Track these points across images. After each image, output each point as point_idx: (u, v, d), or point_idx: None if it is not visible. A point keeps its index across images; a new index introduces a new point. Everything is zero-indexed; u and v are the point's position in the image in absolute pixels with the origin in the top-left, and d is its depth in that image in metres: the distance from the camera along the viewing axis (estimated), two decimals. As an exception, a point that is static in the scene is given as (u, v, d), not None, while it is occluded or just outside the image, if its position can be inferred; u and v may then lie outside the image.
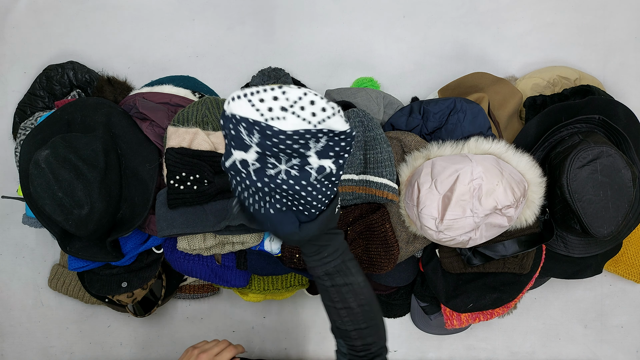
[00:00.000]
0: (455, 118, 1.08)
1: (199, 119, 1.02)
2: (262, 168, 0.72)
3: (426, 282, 1.19)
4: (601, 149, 1.00)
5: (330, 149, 0.71)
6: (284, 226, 0.75)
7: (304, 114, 0.67)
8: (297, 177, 0.71)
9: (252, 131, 0.68)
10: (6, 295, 1.36)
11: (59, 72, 1.23)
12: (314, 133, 0.68)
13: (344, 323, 0.79)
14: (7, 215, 1.34)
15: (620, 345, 1.38)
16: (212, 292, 1.32)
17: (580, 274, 1.17)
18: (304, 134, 0.68)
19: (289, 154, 0.70)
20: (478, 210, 0.93)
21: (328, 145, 0.70)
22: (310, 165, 0.71)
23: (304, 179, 0.72)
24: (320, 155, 0.71)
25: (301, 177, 0.72)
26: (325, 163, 0.72)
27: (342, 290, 0.79)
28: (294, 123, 0.67)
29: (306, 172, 0.72)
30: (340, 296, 0.79)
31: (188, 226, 0.97)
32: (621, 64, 1.35)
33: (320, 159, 0.71)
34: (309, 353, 1.37)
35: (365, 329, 0.80)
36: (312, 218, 0.76)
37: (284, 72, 1.29)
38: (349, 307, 0.79)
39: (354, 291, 0.79)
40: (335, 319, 0.81)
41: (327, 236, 0.78)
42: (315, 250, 0.78)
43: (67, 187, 0.91)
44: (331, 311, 0.81)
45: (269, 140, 0.68)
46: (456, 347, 1.38)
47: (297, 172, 0.72)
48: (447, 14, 1.35)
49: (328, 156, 0.72)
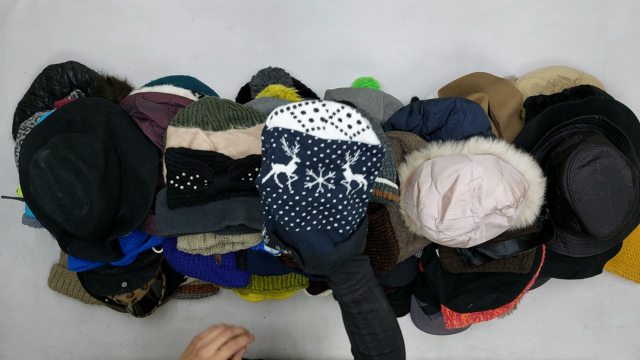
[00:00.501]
0: (455, 118, 1.08)
1: (199, 119, 1.02)
2: (300, 180, 0.74)
3: (426, 282, 1.19)
4: (601, 149, 1.00)
5: (363, 164, 0.75)
6: (322, 246, 0.76)
7: (342, 125, 0.72)
8: (334, 190, 0.74)
9: (294, 142, 0.73)
10: (6, 295, 1.36)
11: (59, 72, 1.23)
12: (350, 145, 0.73)
13: (368, 349, 0.80)
14: (7, 215, 1.34)
15: (620, 345, 1.38)
16: (212, 292, 1.32)
17: (580, 274, 1.17)
18: (341, 144, 0.73)
19: (327, 164, 0.74)
20: (478, 211, 0.93)
21: (361, 160, 0.74)
22: (345, 180, 0.74)
23: (340, 192, 0.74)
24: (354, 170, 0.75)
25: (338, 191, 0.74)
26: (358, 178, 0.75)
27: (368, 317, 0.79)
28: (333, 133, 0.73)
29: (342, 186, 0.74)
30: (366, 322, 0.79)
31: (188, 226, 0.97)
32: (621, 64, 1.35)
33: (354, 174, 0.75)
34: (309, 353, 1.37)
35: (388, 353, 0.80)
36: (345, 238, 0.77)
37: (284, 72, 1.29)
38: (374, 332, 0.79)
39: (379, 317, 0.79)
40: (359, 344, 0.81)
41: (355, 263, 0.79)
42: (344, 279, 0.79)
43: (67, 187, 0.91)
44: (356, 337, 0.81)
45: (309, 149, 0.73)
46: (456, 347, 1.38)
47: (334, 186, 0.74)
48: (447, 14, 1.35)
49: (361, 171, 0.75)
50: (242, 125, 1.03)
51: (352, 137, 0.73)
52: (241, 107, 1.06)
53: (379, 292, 0.81)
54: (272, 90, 1.20)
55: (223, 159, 0.96)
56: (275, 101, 1.15)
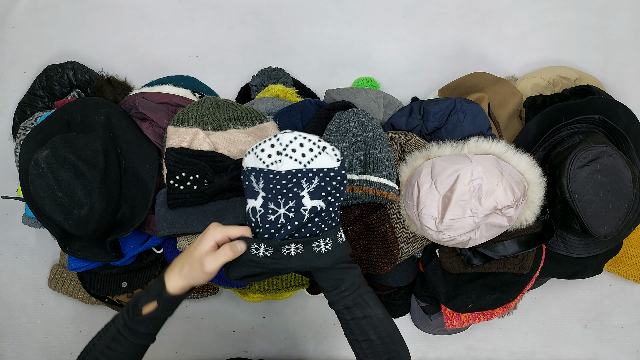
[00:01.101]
0: (455, 118, 1.08)
1: (199, 119, 1.02)
2: (264, 213, 0.80)
3: (426, 282, 1.19)
4: (601, 149, 1.00)
5: (322, 189, 0.80)
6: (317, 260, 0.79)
7: (296, 154, 0.80)
8: (293, 218, 0.79)
9: (259, 178, 0.82)
10: (6, 295, 1.36)
11: (59, 72, 1.23)
12: (305, 172, 0.80)
13: (366, 355, 0.81)
14: (7, 215, 1.34)
15: (620, 345, 1.38)
16: (212, 292, 1.32)
17: (580, 274, 1.17)
18: (295, 173, 0.80)
19: (285, 194, 0.79)
20: (478, 210, 0.93)
21: (320, 185, 0.80)
22: (304, 207, 0.79)
23: (297, 219, 0.79)
24: (313, 196, 0.80)
25: (295, 219, 0.79)
26: (317, 203, 0.79)
27: (362, 323, 0.81)
28: (288, 164, 0.80)
29: (300, 213, 0.79)
30: (360, 329, 0.81)
31: (188, 226, 0.97)
32: (621, 64, 1.35)
33: (313, 199, 0.80)
34: (309, 353, 1.37)
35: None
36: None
37: (284, 72, 1.29)
38: (370, 339, 0.81)
39: (372, 324, 0.81)
40: (358, 351, 0.82)
41: (342, 270, 0.82)
42: (332, 285, 0.81)
43: (67, 187, 0.91)
44: (354, 344, 0.83)
45: (270, 183, 0.80)
46: (456, 347, 1.38)
47: (293, 215, 0.79)
48: (447, 14, 1.35)
49: (320, 196, 0.80)
50: (242, 125, 1.03)
51: (306, 165, 0.80)
52: (241, 107, 1.06)
53: (372, 298, 0.83)
54: (272, 90, 1.20)
55: (223, 158, 0.97)
56: (275, 101, 1.15)
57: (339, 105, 1.07)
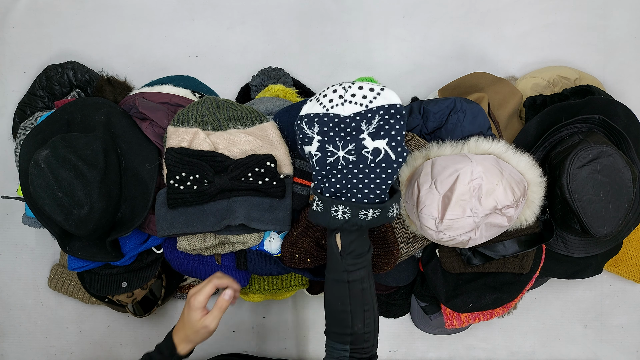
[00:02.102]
0: (455, 118, 1.07)
1: (199, 119, 1.02)
2: (322, 157, 0.80)
3: (426, 282, 1.19)
4: (601, 149, 1.00)
5: (381, 128, 0.79)
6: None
7: (356, 98, 0.80)
8: (355, 161, 0.79)
9: (313, 123, 0.81)
10: (6, 295, 1.36)
11: (59, 72, 1.23)
12: (364, 114, 0.79)
13: (365, 325, 0.83)
14: (7, 215, 1.34)
15: (620, 345, 1.38)
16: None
17: (580, 274, 1.17)
18: (354, 116, 0.79)
19: (343, 137, 0.79)
20: (478, 210, 0.93)
21: (379, 124, 0.79)
22: (366, 149, 0.78)
23: (361, 162, 0.78)
24: (374, 137, 0.79)
25: (359, 162, 0.78)
26: (379, 144, 0.78)
27: (372, 292, 0.84)
28: (350, 108, 0.80)
29: (363, 156, 0.78)
30: (370, 298, 0.84)
31: (188, 226, 0.97)
32: (621, 64, 1.35)
33: (374, 140, 0.79)
34: (309, 353, 1.37)
35: (374, 330, 0.85)
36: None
37: (284, 72, 1.30)
38: (373, 308, 0.84)
39: (373, 293, 0.85)
40: (357, 322, 0.83)
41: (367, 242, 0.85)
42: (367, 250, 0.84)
43: (66, 187, 0.91)
44: (357, 316, 0.84)
45: (326, 126, 0.80)
46: (456, 347, 1.38)
47: (355, 157, 0.79)
48: (447, 14, 1.35)
49: (380, 136, 0.79)
50: (242, 125, 1.03)
51: (367, 106, 0.79)
52: (241, 107, 1.06)
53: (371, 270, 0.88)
54: (272, 90, 1.20)
55: (223, 158, 0.97)
56: (275, 101, 1.15)
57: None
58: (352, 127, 0.79)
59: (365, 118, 0.79)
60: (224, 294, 0.88)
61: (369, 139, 0.78)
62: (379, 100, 0.79)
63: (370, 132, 0.79)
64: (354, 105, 0.80)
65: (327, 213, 0.78)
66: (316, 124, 0.81)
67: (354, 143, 0.79)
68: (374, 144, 0.78)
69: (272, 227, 0.97)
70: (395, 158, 0.79)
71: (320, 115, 0.81)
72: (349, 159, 0.79)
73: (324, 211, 0.79)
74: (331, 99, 0.81)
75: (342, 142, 0.79)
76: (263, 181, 0.96)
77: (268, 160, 0.96)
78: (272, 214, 0.97)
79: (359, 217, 0.77)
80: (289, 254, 1.06)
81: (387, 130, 0.78)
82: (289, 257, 1.06)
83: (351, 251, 0.82)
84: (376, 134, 0.79)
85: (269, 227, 0.97)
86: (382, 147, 0.78)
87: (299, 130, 0.83)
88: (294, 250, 1.05)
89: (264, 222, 0.96)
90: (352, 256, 0.82)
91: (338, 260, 0.82)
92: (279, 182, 0.97)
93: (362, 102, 0.80)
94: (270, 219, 0.97)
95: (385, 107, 0.79)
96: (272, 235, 1.07)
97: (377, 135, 0.79)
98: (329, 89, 0.83)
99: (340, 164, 0.79)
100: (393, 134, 0.79)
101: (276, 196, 0.98)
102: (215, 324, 0.86)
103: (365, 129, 0.79)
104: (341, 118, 0.80)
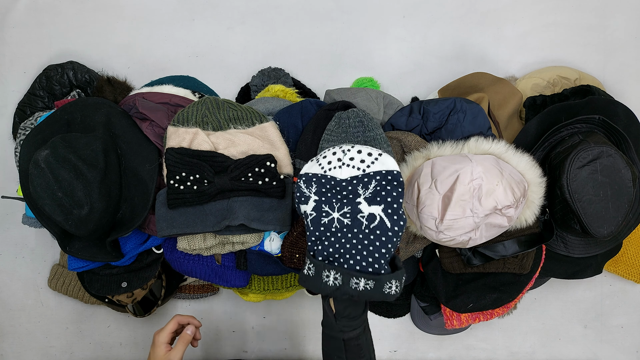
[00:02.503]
0: (455, 118, 1.08)
1: (199, 119, 1.02)
2: (317, 217, 0.80)
3: (426, 282, 1.19)
4: (601, 149, 1.00)
5: (378, 194, 0.78)
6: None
7: (354, 162, 0.81)
8: (349, 225, 0.77)
9: (311, 183, 0.82)
10: (6, 295, 1.36)
11: (59, 72, 1.23)
12: (361, 178, 0.79)
13: None
14: (7, 215, 1.34)
15: (620, 345, 1.38)
16: (212, 292, 1.32)
17: (580, 274, 1.17)
18: (351, 180, 0.80)
19: (340, 199, 0.79)
20: (478, 210, 0.93)
21: (376, 190, 0.79)
22: (361, 213, 0.78)
23: (356, 226, 0.77)
24: (370, 202, 0.78)
25: (353, 226, 0.77)
26: (375, 210, 0.78)
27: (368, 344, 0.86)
28: (347, 172, 0.80)
29: (358, 220, 0.77)
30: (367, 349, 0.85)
31: (188, 226, 0.97)
32: (621, 64, 1.35)
33: (370, 205, 0.78)
34: (308, 353, 1.37)
35: None
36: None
37: (284, 72, 1.29)
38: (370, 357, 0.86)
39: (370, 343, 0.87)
40: None
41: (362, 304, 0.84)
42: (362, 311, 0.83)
43: (66, 187, 0.91)
44: None
45: (323, 187, 0.81)
46: (456, 347, 1.38)
47: (349, 220, 0.78)
48: (447, 14, 1.35)
49: (376, 202, 0.78)
50: (242, 125, 1.03)
51: (365, 170, 0.79)
52: (241, 107, 1.06)
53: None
54: (272, 90, 1.20)
55: (223, 158, 0.97)
56: (275, 101, 1.15)
57: (339, 105, 1.07)
58: (349, 191, 0.79)
59: (362, 182, 0.79)
60: (187, 329, 0.96)
61: (365, 203, 0.78)
62: (376, 166, 0.80)
63: (366, 196, 0.78)
64: (351, 169, 0.81)
65: (318, 278, 0.76)
66: (314, 184, 0.82)
67: (350, 206, 0.78)
68: (370, 209, 0.78)
69: (272, 227, 0.97)
70: (391, 226, 0.77)
71: (319, 176, 0.82)
72: (344, 222, 0.78)
73: (315, 276, 0.76)
74: (330, 161, 0.83)
75: (339, 204, 0.79)
76: (263, 181, 0.96)
77: (268, 160, 0.96)
78: (272, 214, 0.97)
79: (350, 286, 0.74)
80: (289, 254, 1.06)
81: (383, 197, 0.78)
82: (289, 258, 1.06)
83: (346, 315, 0.81)
84: (372, 199, 0.78)
85: (269, 227, 0.97)
86: (378, 213, 0.77)
87: (297, 188, 0.84)
88: (294, 251, 1.05)
89: (264, 223, 0.96)
90: (347, 319, 0.81)
91: (333, 322, 0.82)
92: (279, 182, 0.97)
93: (360, 167, 0.80)
94: (270, 219, 0.97)
95: (382, 172, 0.79)
96: (272, 236, 1.07)
97: (373, 201, 0.78)
98: (329, 150, 0.84)
99: (334, 226, 0.78)
100: (389, 201, 0.78)
101: (276, 196, 0.98)
102: (179, 356, 0.92)
103: (362, 192, 0.79)
104: (337, 181, 0.80)
